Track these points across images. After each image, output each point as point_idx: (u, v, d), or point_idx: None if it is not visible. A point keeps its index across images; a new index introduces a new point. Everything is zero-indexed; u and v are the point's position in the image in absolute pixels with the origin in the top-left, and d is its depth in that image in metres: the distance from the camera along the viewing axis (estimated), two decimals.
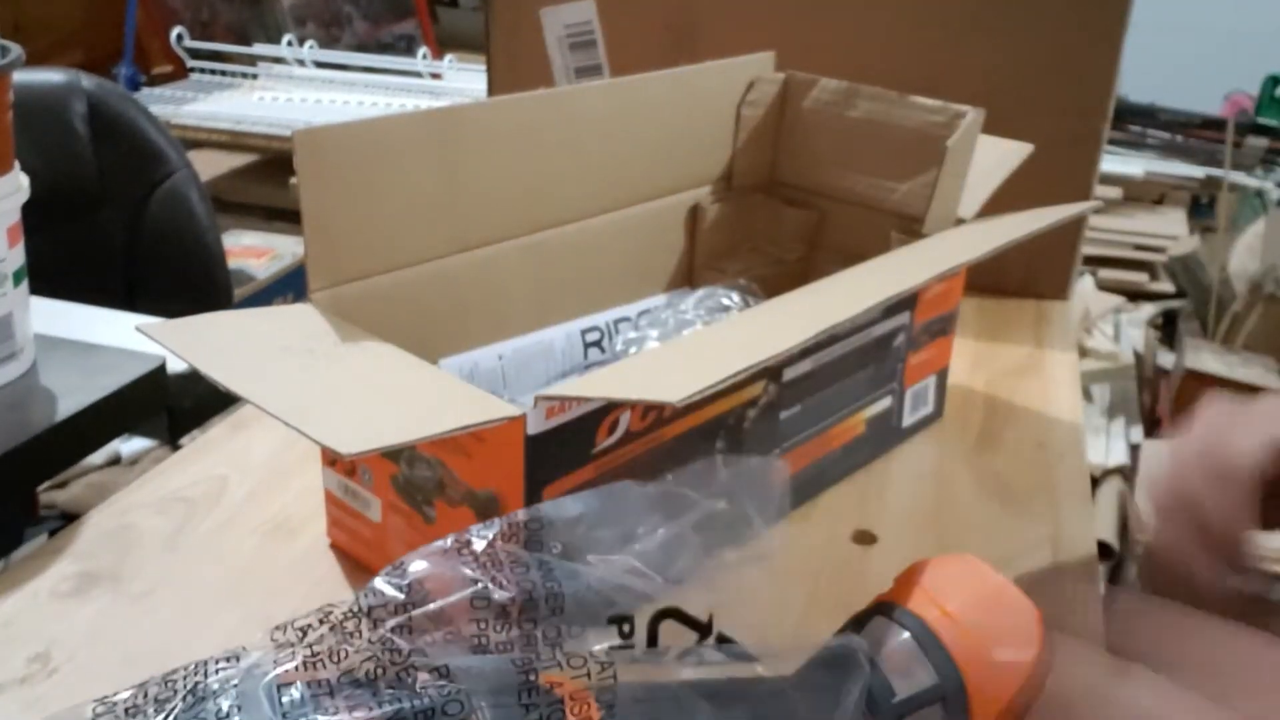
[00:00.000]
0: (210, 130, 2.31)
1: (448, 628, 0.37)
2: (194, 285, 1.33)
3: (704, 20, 0.92)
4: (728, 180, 0.76)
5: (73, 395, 0.74)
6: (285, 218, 2.29)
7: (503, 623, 0.37)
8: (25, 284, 0.75)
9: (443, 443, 0.51)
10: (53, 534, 0.62)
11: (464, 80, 2.49)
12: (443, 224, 0.60)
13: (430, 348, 0.60)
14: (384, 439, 0.41)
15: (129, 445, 1.60)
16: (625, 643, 0.39)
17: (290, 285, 2.09)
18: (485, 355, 0.63)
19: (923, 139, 0.68)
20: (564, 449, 0.50)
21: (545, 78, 0.94)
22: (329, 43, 2.70)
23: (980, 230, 0.66)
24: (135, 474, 0.82)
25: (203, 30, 2.72)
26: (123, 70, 2.61)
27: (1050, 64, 0.88)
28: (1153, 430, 2.10)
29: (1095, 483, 1.92)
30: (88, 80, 1.29)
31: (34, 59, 0.86)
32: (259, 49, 2.60)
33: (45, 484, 1.45)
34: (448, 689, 0.35)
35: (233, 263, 1.61)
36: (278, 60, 2.56)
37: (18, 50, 0.71)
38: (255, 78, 2.56)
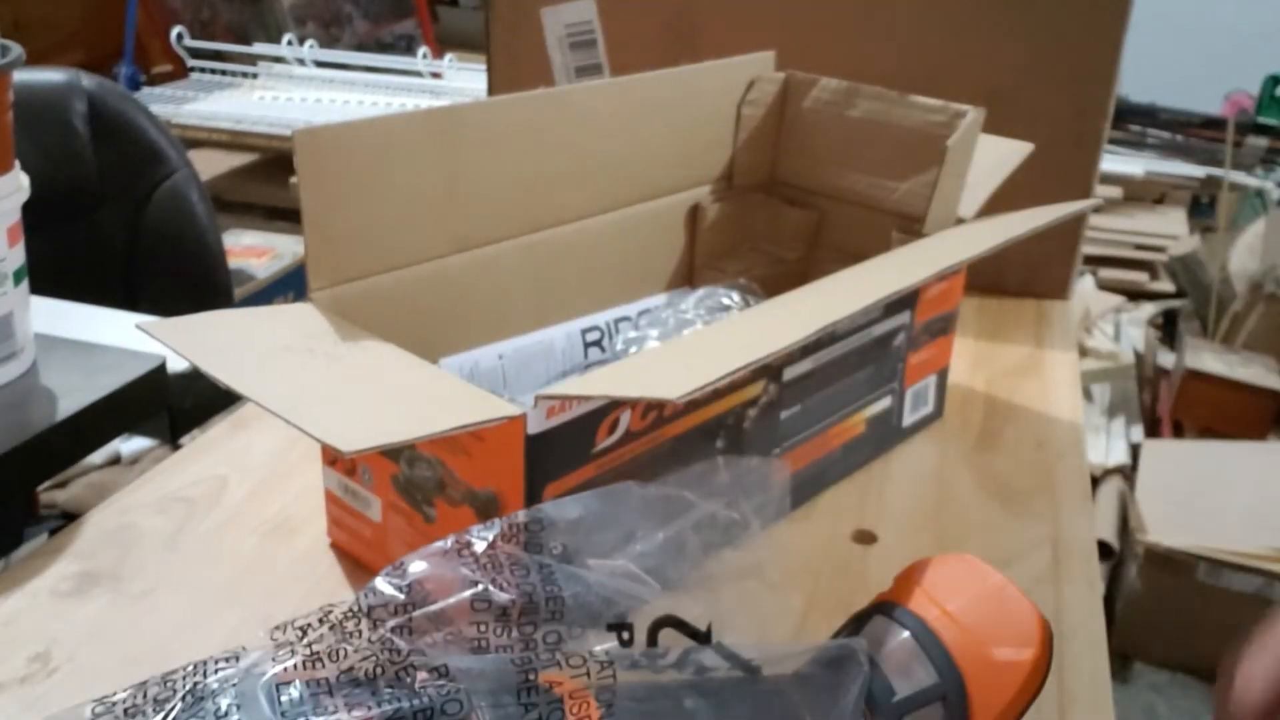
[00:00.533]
0: (210, 130, 2.31)
1: (448, 629, 0.37)
2: (194, 285, 1.33)
3: (704, 20, 0.92)
4: (728, 180, 0.76)
5: (73, 395, 0.74)
6: (285, 217, 2.29)
7: (502, 625, 0.37)
8: (25, 283, 0.75)
9: (443, 442, 0.51)
10: (53, 533, 0.62)
11: (464, 80, 2.49)
12: (443, 223, 0.60)
13: (430, 347, 0.60)
14: (384, 437, 0.41)
15: (129, 445, 1.60)
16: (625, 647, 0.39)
17: (290, 285, 2.09)
18: (485, 355, 0.63)
19: (923, 138, 0.68)
20: (564, 448, 0.50)
21: (545, 77, 0.94)
22: (329, 42, 2.70)
23: (980, 229, 0.66)
24: (135, 474, 0.82)
25: (203, 30, 2.72)
26: (123, 70, 2.61)
27: (1050, 64, 0.88)
28: (1153, 430, 2.10)
29: (1095, 483, 1.92)
30: (88, 80, 1.29)
31: (34, 58, 0.86)
32: (259, 48, 2.60)
33: (45, 484, 1.46)
34: (447, 688, 0.35)
35: (233, 262, 1.61)
36: (278, 60, 2.56)
37: (18, 49, 0.71)
38: (255, 77, 2.56)
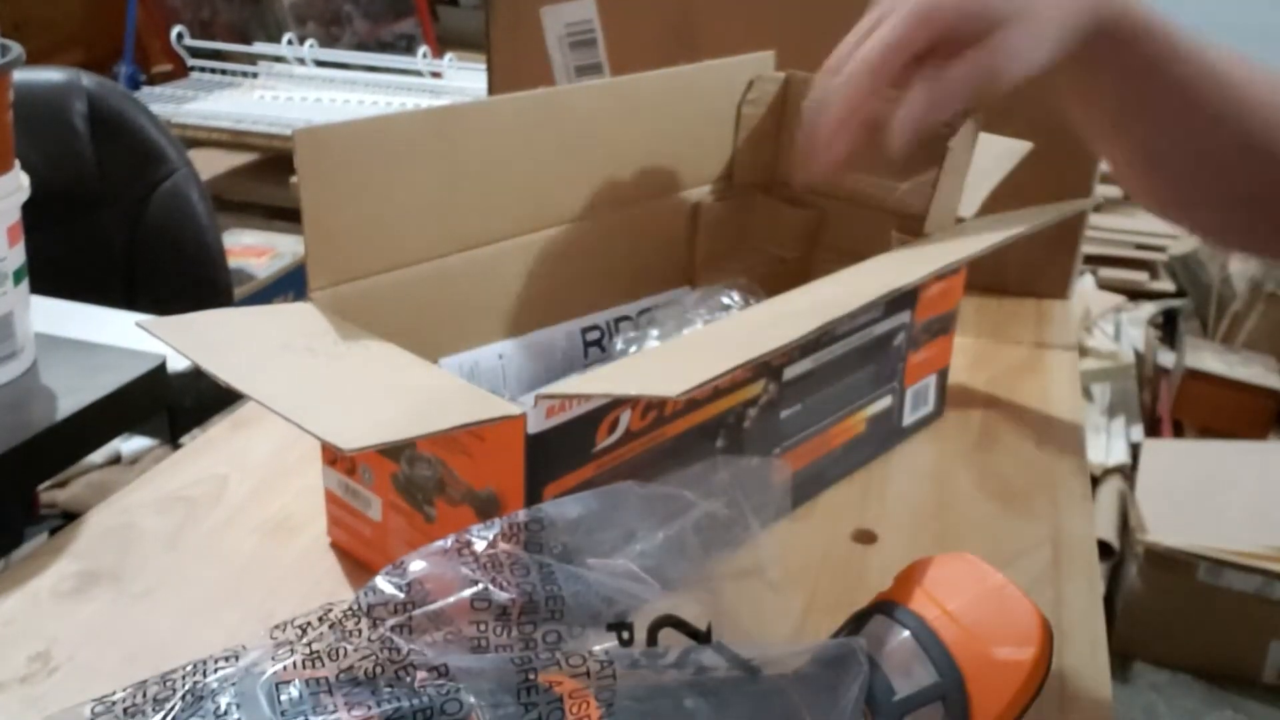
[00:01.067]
0: (210, 129, 2.31)
1: (448, 628, 0.37)
2: (194, 284, 1.33)
3: (704, 19, 0.92)
4: (728, 179, 0.76)
5: (73, 394, 0.74)
6: (285, 216, 2.29)
7: (502, 624, 0.37)
8: (25, 283, 0.75)
9: (443, 442, 0.51)
10: (53, 533, 0.62)
11: (464, 79, 2.49)
12: (443, 223, 0.60)
13: (430, 347, 0.59)
14: (385, 435, 0.41)
15: (129, 444, 1.60)
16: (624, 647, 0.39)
17: (290, 284, 2.09)
18: (485, 354, 0.63)
19: (923, 138, 0.68)
20: (564, 448, 0.50)
21: (545, 76, 0.94)
22: (329, 42, 2.70)
23: (980, 228, 0.66)
24: (136, 473, 0.82)
25: (203, 29, 2.72)
26: (123, 69, 2.61)
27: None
28: (1153, 430, 2.10)
29: (1095, 482, 1.92)
30: (88, 79, 1.29)
31: (34, 58, 0.86)
32: (259, 48, 2.60)
33: (46, 483, 1.46)
34: (446, 688, 0.35)
35: (233, 262, 1.61)
36: (278, 59, 2.56)
37: (18, 49, 0.71)
38: (255, 77, 2.56)
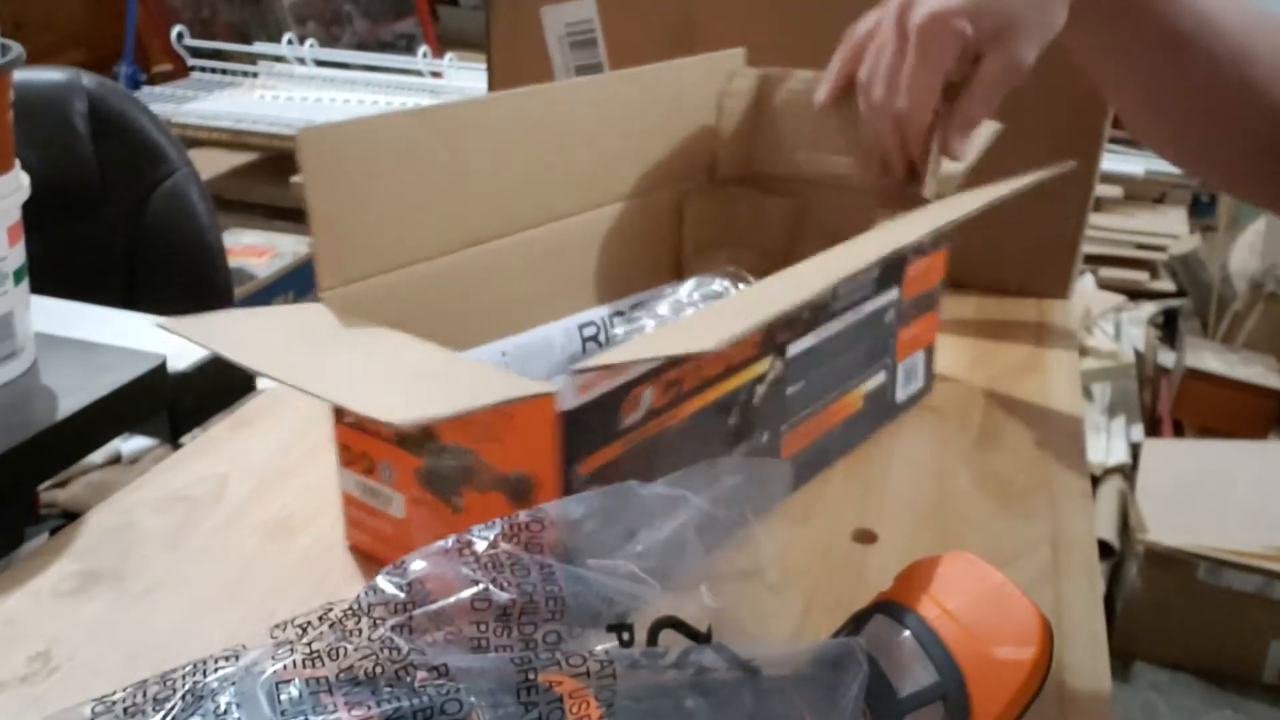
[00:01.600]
0: (211, 129, 2.31)
1: (448, 628, 0.37)
2: (194, 284, 1.33)
3: (704, 19, 0.92)
4: (711, 174, 0.78)
5: (73, 394, 0.74)
6: (286, 216, 2.28)
7: (503, 624, 0.37)
8: (26, 282, 0.75)
9: (470, 429, 0.51)
10: (54, 533, 0.62)
11: (464, 79, 2.49)
12: (445, 221, 0.60)
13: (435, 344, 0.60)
14: (432, 410, 0.40)
15: (130, 444, 1.60)
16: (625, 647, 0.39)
17: (291, 284, 2.09)
18: (489, 352, 0.63)
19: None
20: (594, 425, 0.50)
21: (546, 76, 0.94)
22: (329, 41, 2.70)
23: (961, 199, 0.66)
24: (136, 473, 0.82)
25: (203, 29, 2.72)
26: (123, 69, 2.62)
27: (1051, 61, 0.87)
28: (1153, 429, 2.10)
29: (1095, 482, 1.92)
30: (88, 79, 1.29)
31: (34, 57, 0.86)
32: (259, 48, 2.60)
33: (46, 483, 1.46)
34: (446, 687, 0.35)
35: (233, 261, 1.61)
36: (278, 59, 2.56)
37: (18, 49, 0.71)
38: (256, 76, 2.56)
